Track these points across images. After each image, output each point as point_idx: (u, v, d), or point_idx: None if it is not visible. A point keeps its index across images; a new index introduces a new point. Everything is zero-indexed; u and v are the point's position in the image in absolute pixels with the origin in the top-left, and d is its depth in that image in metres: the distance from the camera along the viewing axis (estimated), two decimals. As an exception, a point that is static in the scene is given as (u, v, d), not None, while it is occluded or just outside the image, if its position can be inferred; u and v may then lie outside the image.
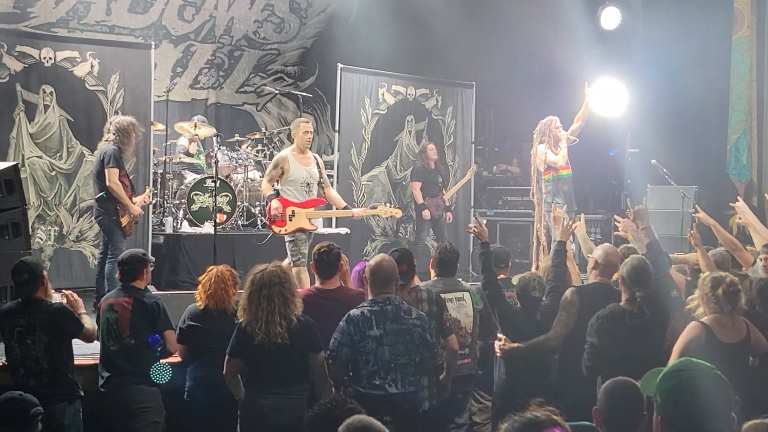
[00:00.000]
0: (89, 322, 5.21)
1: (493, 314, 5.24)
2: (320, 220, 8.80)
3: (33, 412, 3.77)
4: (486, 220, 8.84)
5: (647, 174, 9.94)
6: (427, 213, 10.06)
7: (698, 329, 4.54)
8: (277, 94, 12.64)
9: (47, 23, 10.73)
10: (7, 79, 8.46)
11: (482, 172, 13.21)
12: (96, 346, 5.32)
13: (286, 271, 4.63)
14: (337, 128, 10.45)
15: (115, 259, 7.38)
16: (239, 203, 9.67)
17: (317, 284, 5.19)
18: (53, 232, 8.68)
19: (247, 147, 10.32)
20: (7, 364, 5.12)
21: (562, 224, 5.58)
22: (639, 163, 10.47)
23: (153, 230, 9.04)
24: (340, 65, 10.41)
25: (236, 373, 4.64)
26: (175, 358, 5.26)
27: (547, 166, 8.75)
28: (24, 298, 5.03)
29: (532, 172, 9.04)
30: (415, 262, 5.31)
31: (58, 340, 4.97)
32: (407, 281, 5.08)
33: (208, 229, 8.85)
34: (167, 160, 9.74)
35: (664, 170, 8.63)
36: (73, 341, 5.15)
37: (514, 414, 2.36)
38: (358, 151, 10.55)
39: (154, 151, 9.38)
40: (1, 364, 5.32)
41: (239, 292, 4.99)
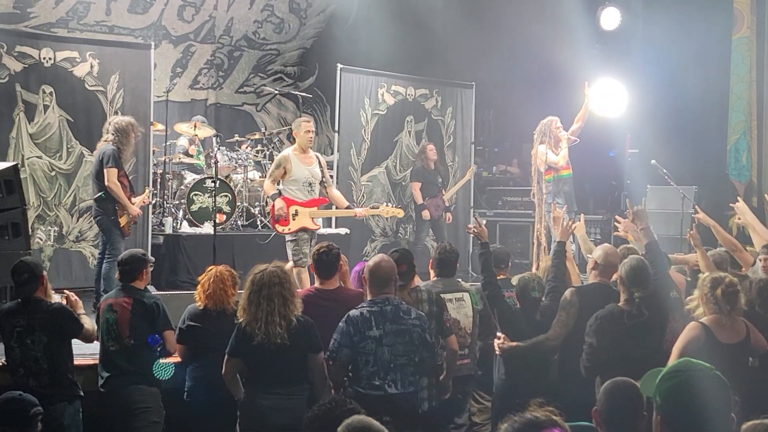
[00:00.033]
0: (89, 323, 5.20)
1: (493, 314, 5.23)
2: (320, 220, 8.80)
3: (33, 412, 3.77)
4: (485, 220, 8.83)
5: (647, 174, 9.94)
6: (427, 213, 10.06)
7: (698, 330, 4.54)
8: (276, 94, 12.64)
9: (47, 23, 10.73)
10: (6, 79, 8.46)
11: (482, 172, 13.21)
12: (95, 346, 5.32)
13: (286, 271, 4.63)
14: (337, 128, 10.45)
15: (112, 259, 7.38)
16: (239, 203, 9.67)
17: (317, 284, 5.20)
18: (53, 233, 8.68)
19: (246, 147, 10.33)
20: (6, 364, 5.11)
21: (562, 225, 5.59)
22: (639, 163, 10.47)
23: (153, 230, 9.04)
24: (339, 65, 10.41)
25: (235, 373, 4.64)
26: (175, 358, 5.26)
27: (547, 167, 8.74)
28: (24, 298, 5.03)
29: (532, 173, 9.04)
30: (415, 262, 5.31)
31: (57, 340, 4.96)
32: (407, 282, 5.08)
33: (208, 229, 8.85)
34: (167, 160, 9.73)
35: (664, 171, 8.63)
36: (72, 341, 5.15)
37: (514, 414, 2.36)
38: (358, 151, 10.54)
39: (153, 151, 9.38)
40: (0, 364, 5.31)
41: (239, 292, 4.99)
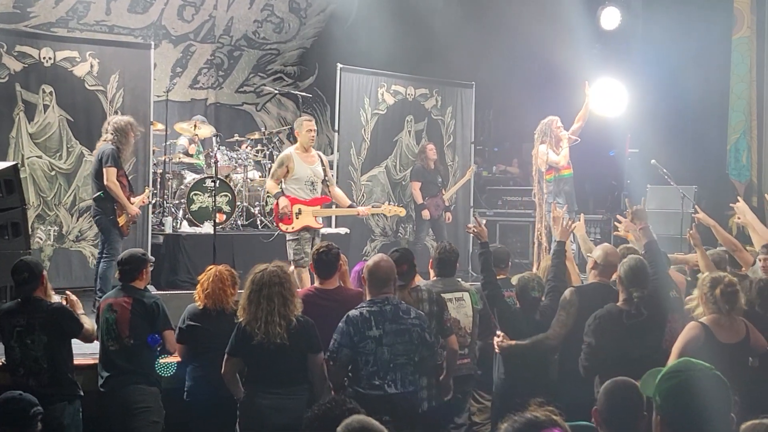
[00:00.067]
0: (89, 323, 5.20)
1: (493, 314, 5.23)
2: (321, 219, 8.79)
3: (33, 412, 3.77)
4: (485, 220, 8.77)
5: (647, 174, 9.93)
6: (427, 213, 10.06)
7: (697, 329, 4.54)
8: (276, 94, 12.63)
9: (47, 23, 10.73)
10: (6, 78, 8.46)
11: (482, 172, 13.20)
12: (95, 345, 5.32)
13: (286, 271, 4.62)
14: (337, 128, 10.45)
15: (109, 258, 7.39)
16: (239, 203, 9.67)
17: (316, 284, 5.19)
18: (53, 232, 8.68)
19: (246, 147, 10.33)
20: (6, 363, 5.10)
21: (561, 224, 5.59)
22: (639, 163, 10.46)
23: (152, 230, 9.04)
24: (339, 65, 10.41)
25: (235, 373, 4.64)
26: (176, 358, 5.26)
27: (548, 167, 8.74)
28: (23, 298, 5.02)
29: (533, 173, 9.03)
30: (415, 262, 5.31)
31: (57, 339, 4.96)
32: (408, 281, 5.07)
33: (208, 229, 8.85)
34: (167, 160, 9.73)
35: (664, 170, 8.63)
36: (72, 341, 5.15)
37: (514, 414, 2.36)
38: (358, 151, 10.54)
39: (153, 151, 9.38)
40: (0, 364, 5.31)
41: (239, 292, 4.99)
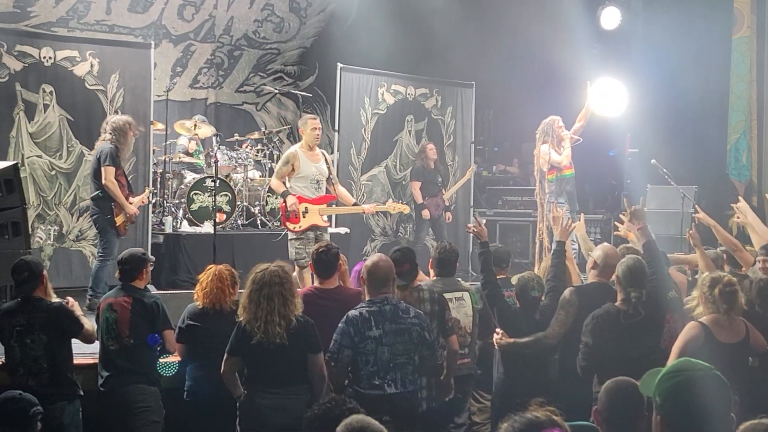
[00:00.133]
0: (89, 324, 5.20)
1: (492, 314, 5.23)
2: (325, 218, 8.79)
3: (32, 412, 3.77)
4: (485, 219, 8.81)
5: (647, 174, 9.92)
6: (427, 213, 10.05)
7: (697, 329, 4.54)
8: (276, 93, 12.62)
9: (47, 22, 10.72)
10: (6, 78, 8.45)
11: (482, 171, 13.19)
12: (95, 345, 5.32)
13: (287, 271, 4.61)
14: (337, 128, 10.44)
15: (103, 257, 7.40)
16: (239, 203, 9.68)
17: (316, 284, 5.19)
18: (53, 232, 8.68)
19: (246, 146, 10.34)
20: (6, 363, 5.10)
21: (561, 224, 5.59)
22: (639, 163, 10.45)
23: (153, 230, 9.04)
24: (339, 65, 10.41)
25: (234, 372, 4.63)
26: (176, 358, 5.26)
27: (550, 166, 8.74)
28: (23, 297, 5.02)
29: (535, 172, 9.01)
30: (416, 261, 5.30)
31: (57, 339, 4.96)
32: (409, 281, 5.06)
33: (208, 228, 8.85)
34: (167, 159, 9.73)
35: (664, 170, 8.62)
36: (72, 341, 5.14)
37: (514, 414, 2.35)
38: (358, 150, 10.54)
39: (153, 150, 9.38)
40: (0, 363, 5.31)
41: (239, 291, 4.99)
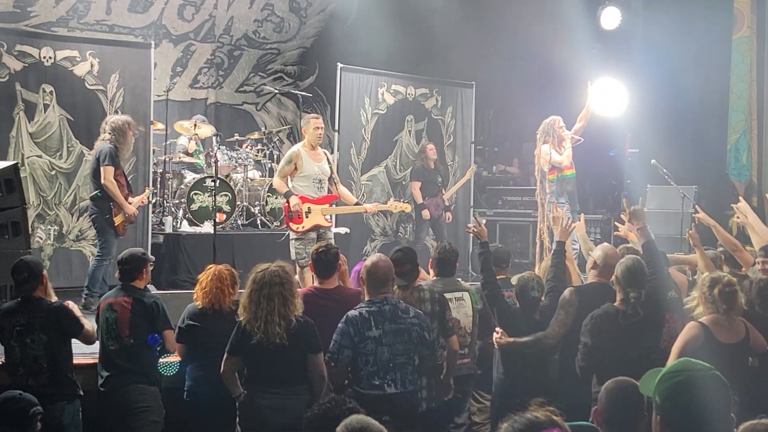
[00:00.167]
0: (89, 324, 5.21)
1: (492, 314, 5.23)
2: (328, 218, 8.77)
3: (32, 412, 3.77)
4: (485, 219, 8.80)
5: (647, 174, 9.92)
6: (427, 213, 10.05)
7: (697, 329, 4.54)
8: (276, 93, 12.62)
9: (47, 22, 10.72)
10: (6, 78, 8.45)
11: (482, 171, 13.19)
12: (95, 345, 5.31)
13: (287, 271, 4.60)
14: (337, 128, 10.44)
15: (101, 257, 7.41)
16: (239, 203, 9.69)
17: (316, 284, 5.20)
18: (53, 232, 8.68)
19: (246, 146, 10.34)
20: (6, 363, 5.10)
21: (561, 224, 5.59)
22: (639, 163, 10.45)
23: (153, 229, 9.03)
24: (339, 65, 10.41)
25: (234, 372, 4.63)
26: (176, 358, 5.26)
27: (551, 166, 8.73)
28: (24, 297, 5.02)
29: (536, 173, 9.01)
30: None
31: (57, 339, 4.96)
32: (410, 281, 5.06)
33: (208, 228, 8.85)
34: (167, 159, 9.74)
35: (664, 170, 8.62)
36: (72, 341, 5.14)
37: (514, 414, 2.35)
38: (358, 150, 10.54)
39: (153, 150, 9.38)
40: (0, 364, 5.31)
41: (239, 291, 4.99)
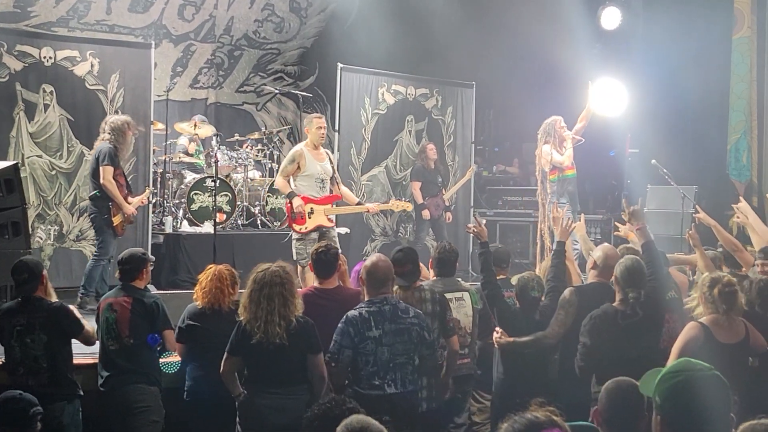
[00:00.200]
0: (90, 326, 5.21)
1: (492, 314, 5.23)
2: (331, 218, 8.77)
3: (32, 412, 3.77)
4: (485, 220, 8.80)
5: (647, 174, 9.92)
6: (427, 213, 10.05)
7: (697, 329, 4.54)
8: (276, 93, 12.61)
9: (47, 22, 10.71)
10: (6, 78, 8.45)
11: (482, 172, 13.19)
12: (95, 345, 5.32)
13: (288, 271, 4.59)
14: (337, 128, 10.43)
15: (98, 257, 7.41)
16: (239, 203, 9.69)
17: (315, 284, 5.20)
18: (53, 232, 8.68)
19: (246, 147, 10.34)
20: (6, 363, 5.10)
21: (561, 224, 5.59)
22: (639, 163, 10.44)
23: (153, 229, 9.03)
24: (339, 65, 10.40)
25: (234, 372, 4.63)
26: (176, 358, 5.26)
27: (552, 167, 8.73)
28: (24, 297, 5.02)
29: (537, 173, 9.01)
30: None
31: (57, 339, 4.96)
32: (411, 282, 5.05)
33: (208, 228, 8.85)
34: (167, 159, 9.74)
35: (664, 170, 8.62)
36: (72, 341, 5.14)
37: (514, 414, 2.35)
38: (358, 150, 10.54)
39: (153, 150, 9.38)
40: (0, 363, 5.31)
41: (239, 291, 4.99)
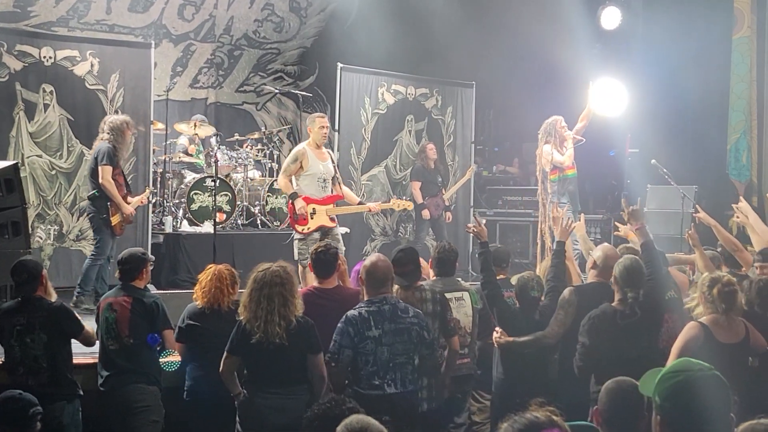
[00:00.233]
0: (89, 326, 5.21)
1: (492, 314, 5.23)
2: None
3: (32, 412, 3.77)
4: (485, 219, 8.80)
5: (647, 174, 9.92)
6: (427, 213, 10.05)
7: (696, 329, 4.54)
8: (276, 93, 12.61)
9: (47, 22, 10.71)
10: (6, 78, 8.45)
11: (482, 171, 13.19)
12: (95, 345, 5.32)
13: (288, 271, 4.59)
14: (337, 128, 10.42)
15: (95, 256, 7.41)
16: (239, 202, 9.69)
17: (315, 283, 5.20)
18: (53, 231, 8.68)
19: (246, 146, 10.34)
20: (6, 362, 5.10)
21: (561, 224, 5.59)
22: (639, 163, 10.44)
23: (153, 229, 9.04)
24: (339, 65, 10.41)
25: (233, 371, 4.63)
26: (177, 357, 5.26)
27: (553, 167, 8.73)
28: (24, 297, 5.02)
29: (537, 173, 9.01)
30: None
31: (57, 338, 4.96)
32: (412, 281, 5.05)
33: (208, 228, 8.85)
34: (167, 159, 9.74)
35: (664, 170, 8.62)
36: (72, 340, 5.14)
37: (514, 414, 2.35)
38: (358, 150, 10.54)
39: (153, 150, 9.39)
40: (0, 363, 5.31)
41: (240, 291, 4.98)
